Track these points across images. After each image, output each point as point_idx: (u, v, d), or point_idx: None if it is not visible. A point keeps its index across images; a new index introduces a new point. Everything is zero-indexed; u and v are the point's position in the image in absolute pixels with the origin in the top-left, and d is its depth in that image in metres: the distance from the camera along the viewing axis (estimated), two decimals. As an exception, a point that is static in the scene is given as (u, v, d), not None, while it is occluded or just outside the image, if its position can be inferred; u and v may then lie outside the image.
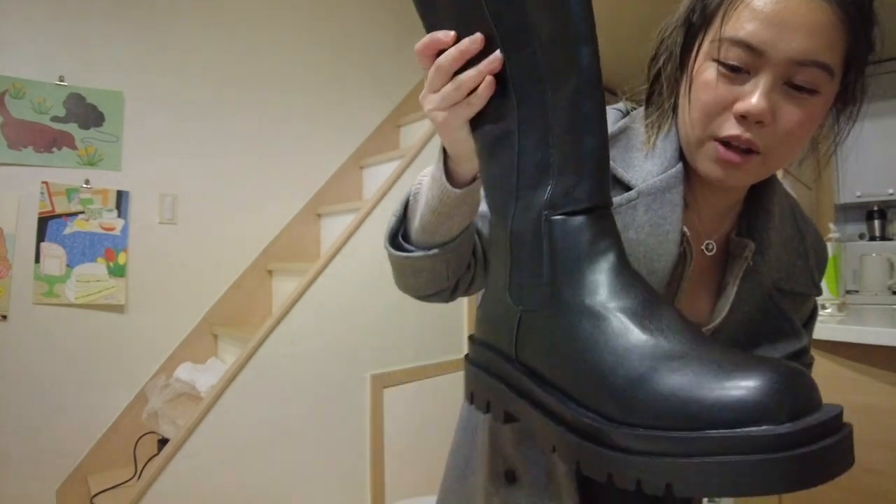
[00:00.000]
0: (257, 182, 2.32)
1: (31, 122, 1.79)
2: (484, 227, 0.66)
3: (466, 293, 0.70)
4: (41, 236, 1.80)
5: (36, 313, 1.78)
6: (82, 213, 1.87)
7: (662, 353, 0.33)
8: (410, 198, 0.63)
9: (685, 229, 0.60)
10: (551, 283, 0.39)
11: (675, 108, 0.61)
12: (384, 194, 2.02)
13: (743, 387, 0.30)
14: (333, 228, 2.36)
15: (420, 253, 0.59)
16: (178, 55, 2.11)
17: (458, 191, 0.53)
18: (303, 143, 2.48)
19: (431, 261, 0.59)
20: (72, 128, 1.86)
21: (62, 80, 1.85)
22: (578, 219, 0.39)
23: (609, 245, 0.39)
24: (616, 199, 0.59)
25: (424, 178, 0.59)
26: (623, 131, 0.64)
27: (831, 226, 1.75)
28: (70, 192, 1.85)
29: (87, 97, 1.89)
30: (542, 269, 0.40)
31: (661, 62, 0.61)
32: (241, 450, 1.63)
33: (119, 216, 1.95)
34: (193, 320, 2.12)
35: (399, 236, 0.63)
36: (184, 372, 1.92)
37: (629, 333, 0.34)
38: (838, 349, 1.36)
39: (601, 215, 0.40)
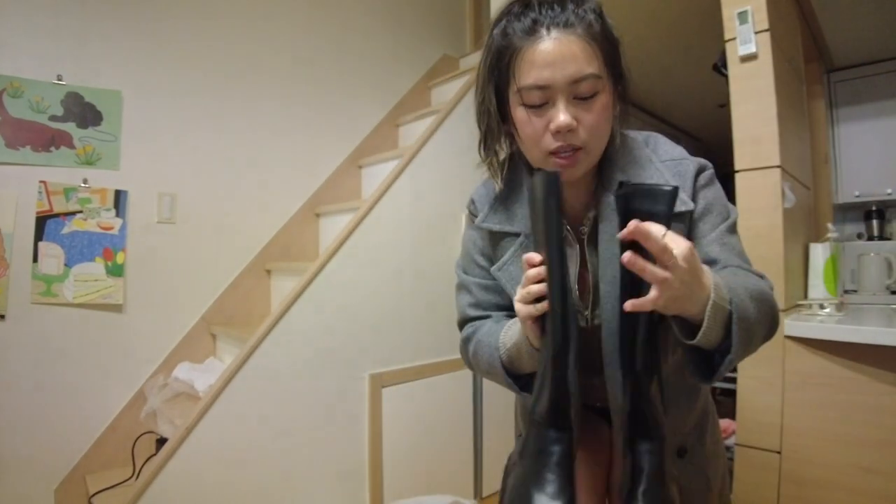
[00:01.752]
0: (256, 181, 2.32)
1: (29, 121, 1.79)
2: None
3: None
4: (39, 236, 1.79)
5: (34, 313, 1.78)
6: (80, 212, 1.87)
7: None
8: (506, 363, 0.83)
9: (567, 229, 0.84)
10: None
11: (509, 144, 0.86)
12: (382, 194, 2.02)
13: None
14: (332, 228, 2.36)
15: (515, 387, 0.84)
16: (176, 55, 2.11)
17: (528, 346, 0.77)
18: (301, 143, 2.48)
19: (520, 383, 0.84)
20: (70, 127, 1.86)
21: (60, 79, 1.84)
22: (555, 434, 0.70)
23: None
24: (512, 249, 0.87)
25: (509, 350, 0.81)
26: (496, 198, 0.89)
27: (830, 225, 1.75)
28: (68, 192, 1.85)
29: (85, 96, 1.89)
30: None
31: (486, 120, 0.82)
32: (239, 449, 1.63)
33: (117, 215, 1.94)
34: (192, 320, 2.12)
35: (518, 385, 0.83)
36: (182, 371, 1.92)
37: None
38: (837, 349, 1.36)
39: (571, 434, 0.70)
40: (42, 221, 1.80)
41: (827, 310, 1.52)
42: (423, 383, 2.08)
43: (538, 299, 0.68)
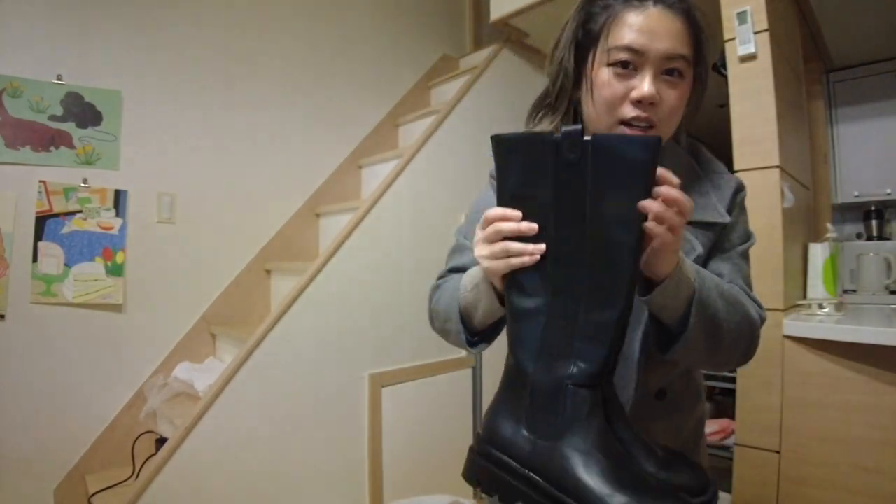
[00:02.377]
0: (256, 181, 2.32)
1: (29, 121, 1.79)
2: None
3: None
4: (39, 235, 1.79)
5: (33, 313, 1.78)
6: (80, 212, 1.87)
7: (617, 484, 0.54)
8: (462, 312, 0.78)
9: None
10: (562, 427, 0.58)
11: (572, 109, 0.81)
12: (382, 194, 2.02)
13: None
14: (332, 228, 2.36)
15: (488, 340, 0.79)
16: (176, 54, 2.11)
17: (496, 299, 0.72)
18: (301, 143, 2.48)
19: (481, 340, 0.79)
20: (70, 127, 1.86)
21: (60, 79, 1.85)
22: (585, 391, 0.59)
23: (599, 413, 0.59)
24: None
25: (467, 293, 0.75)
26: None
27: (829, 225, 1.75)
28: (68, 192, 1.85)
29: (85, 96, 1.89)
30: (558, 417, 0.59)
31: (559, 80, 0.79)
32: (239, 449, 1.63)
33: (117, 215, 1.94)
34: (192, 319, 2.12)
35: (470, 337, 0.79)
36: (182, 371, 1.92)
37: (601, 468, 0.56)
38: (836, 348, 1.36)
39: (599, 387, 0.59)
40: (42, 221, 1.80)
41: (826, 310, 1.53)
42: (423, 383, 2.08)
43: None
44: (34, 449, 1.76)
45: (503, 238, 0.62)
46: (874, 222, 2.45)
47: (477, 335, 0.79)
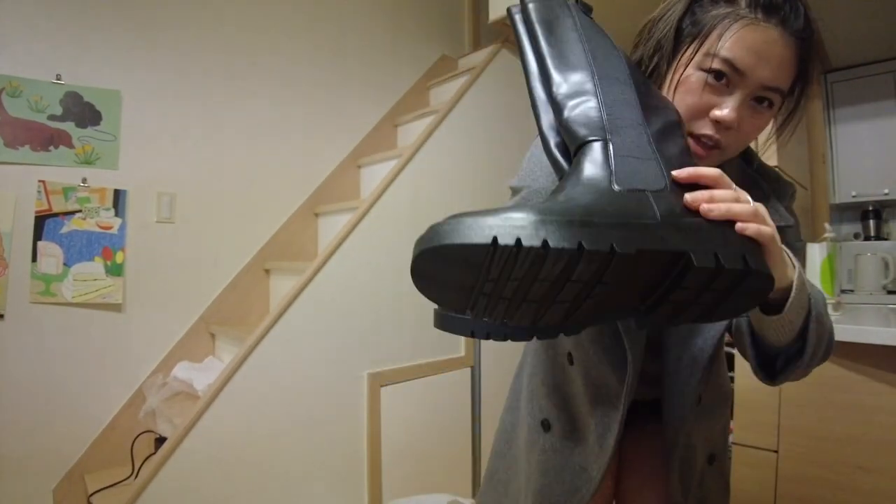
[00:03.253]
0: (255, 181, 2.32)
1: (28, 121, 1.79)
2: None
3: None
4: (38, 235, 1.79)
5: (33, 312, 1.78)
6: (79, 211, 1.87)
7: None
8: None
9: None
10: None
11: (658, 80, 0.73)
12: (381, 193, 2.02)
13: None
14: (331, 227, 2.36)
15: None
16: (175, 54, 2.11)
17: None
18: (300, 143, 2.48)
19: None
20: (69, 126, 1.86)
21: (59, 79, 1.84)
22: None
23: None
24: None
25: None
26: None
27: (827, 225, 1.76)
28: (67, 191, 1.85)
29: (84, 96, 1.89)
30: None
31: (654, 59, 0.72)
32: (238, 448, 1.63)
33: (116, 215, 1.94)
34: (191, 319, 2.12)
35: None
36: (181, 371, 1.92)
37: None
38: (834, 348, 1.37)
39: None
40: (41, 221, 1.80)
41: (824, 309, 1.53)
42: (422, 382, 2.08)
43: None
44: (33, 448, 1.76)
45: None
46: (872, 222, 2.45)
47: None
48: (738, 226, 0.49)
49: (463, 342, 2.25)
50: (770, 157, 1.48)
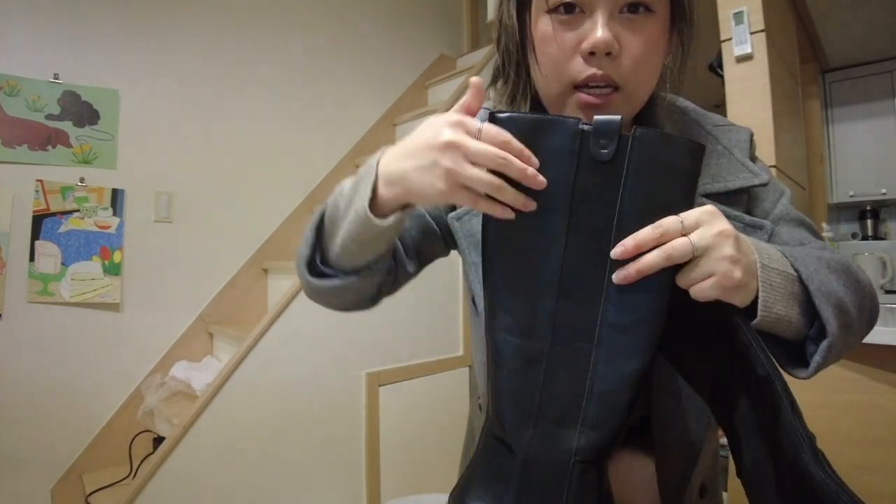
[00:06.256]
0: (253, 180, 2.32)
1: (26, 120, 1.78)
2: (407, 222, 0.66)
3: (389, 294, 0.72)
4: (36, 234, 1.79)
5: (31, 312, 1.78)
6: (77, 211, 1.87)
7: None
8: (327, 221, 0.58)
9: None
10: None
11: (525, 78, 0.63)
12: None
13: None
14: (329, 227, 2.36)
15: (344, 280, 0.58)
16: (173, 53, 2.11)
17: (385, 223, 0.51)
18: (299, 142, 2.48)
19: (358, 282, 0.58)
20: (67, 126, 1.86)
21: (57, 78, 1.84)
22: (595, 471, 0.45)
23: (607, 489, 0.47)
24: None
25: (340, 198, 0.56)
26: None
27: (824, 225, 1.76)
28: (65, 191, 1.84)
29: (82, 95, 1.89)
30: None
31: (502, 41, 0.62)
32: (236, 448, 1.63)
33: (114, 214, 1.94)
34: (189, 318, 2.12)
35: (317, 262, 0.60)
36: (179, 370, 1.92)
37: None
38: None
39: (603, 461, 0.47)
40: (39, 220, 1.80)
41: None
42: (420, 382, 2.08)
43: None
44: (31, 448, 1.76)
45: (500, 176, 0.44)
46: (869, 222, 2.46)
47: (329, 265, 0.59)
48: (694, 291, 0.43)
49: (461, 342, 2.25)
50: (767, 157, 1.49)
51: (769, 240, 0.61)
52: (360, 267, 0.58)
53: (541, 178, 0.44)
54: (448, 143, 0.45)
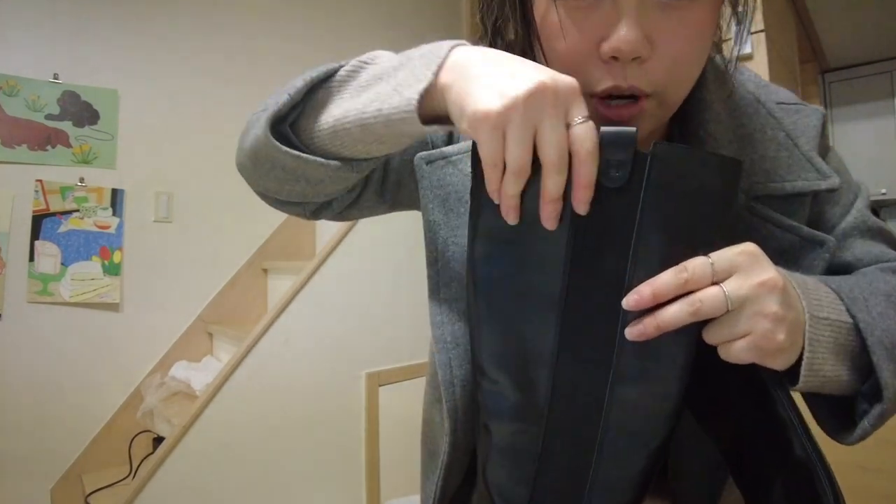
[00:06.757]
0: (253, 180, 2.31)
1: (26, 120, 1.78)
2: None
3: (336, 217, 0.59)
4: (35, 234, 1.79)
5: (30, 312, 1.78)
6: (77, 211, 1.86)
7: None
8: (334, 84, 0.47)
9: None
10: None
11: None
12: (380, 193, 2.02)
13: None
14: (329, 226, 2.35)
15: (316, 160, 0.46)
16: (173, 53, 2.11)
17: (418, 126, 0.38)
18: (298, 142, 2.48)
19: (324, 172, 0.46)
20: (66, 126, 1.86)
21: (56, 78, 1.84)
22: None
23: None
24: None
25: (367, 66, 0.45)
26: None
27: (824, 225, 1.76)
28: (64, 191, 1.84)
29: (81, 95, 1.89)
30: None
31: (498, 26, 0.47)
32: (236, 448, 1.63)
33: (114, 214, 1.94)
34: (189, 319, 2.12)
35: (286, 123, 0.48)
36: (179, 370, 1.92)
37: None
38: None
39: None
40: (38, 220, 1.80)
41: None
42: (421, 382, 2.08)
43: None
44: (31, 448, 1.76)
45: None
46: (869, 222, 2.46)
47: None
48: (724, 351, 0.35)
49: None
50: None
51: (832, 258, 0.50)
52: (342, 157, 0.47)
53: (585, 207, 0.34)
54: (555, 91, 0.33)
